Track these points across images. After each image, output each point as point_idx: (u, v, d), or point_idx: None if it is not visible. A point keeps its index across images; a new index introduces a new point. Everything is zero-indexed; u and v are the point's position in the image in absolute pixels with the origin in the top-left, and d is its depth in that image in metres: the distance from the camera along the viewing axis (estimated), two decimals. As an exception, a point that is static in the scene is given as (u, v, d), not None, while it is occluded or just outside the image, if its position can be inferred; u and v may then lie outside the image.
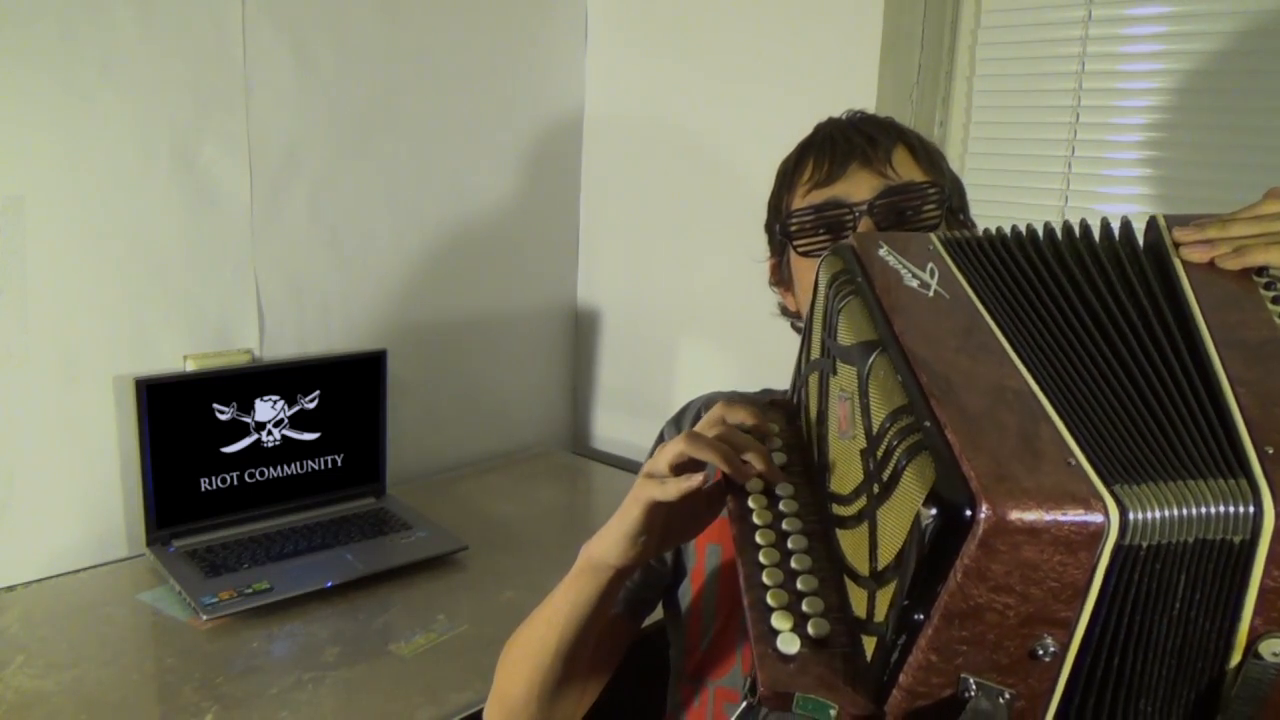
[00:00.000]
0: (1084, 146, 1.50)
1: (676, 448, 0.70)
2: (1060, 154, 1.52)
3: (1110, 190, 1.50)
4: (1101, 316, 0.58)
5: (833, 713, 0.53)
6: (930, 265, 0.63)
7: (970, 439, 0.48)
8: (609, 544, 0.76)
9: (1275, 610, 0.48)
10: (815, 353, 0.71)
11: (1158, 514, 0.46)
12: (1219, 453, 0.49)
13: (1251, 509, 0.46)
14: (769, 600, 0.59)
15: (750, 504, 0.67)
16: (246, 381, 1.53)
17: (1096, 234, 0.65)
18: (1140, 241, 0.64)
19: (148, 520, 1.45)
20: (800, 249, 0.92)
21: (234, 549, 1.45)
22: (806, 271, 0.92)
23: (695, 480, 0.68)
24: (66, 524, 1.43)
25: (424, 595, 1.40)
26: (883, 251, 0.65)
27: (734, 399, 1.03)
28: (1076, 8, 1.47)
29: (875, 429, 0.54)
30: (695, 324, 1.93)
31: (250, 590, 1.33)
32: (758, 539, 0.64)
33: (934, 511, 0.47)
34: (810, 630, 0.57)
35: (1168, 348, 0.55)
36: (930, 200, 0.88)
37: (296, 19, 1.58)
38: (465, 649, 1.26)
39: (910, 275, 0.63)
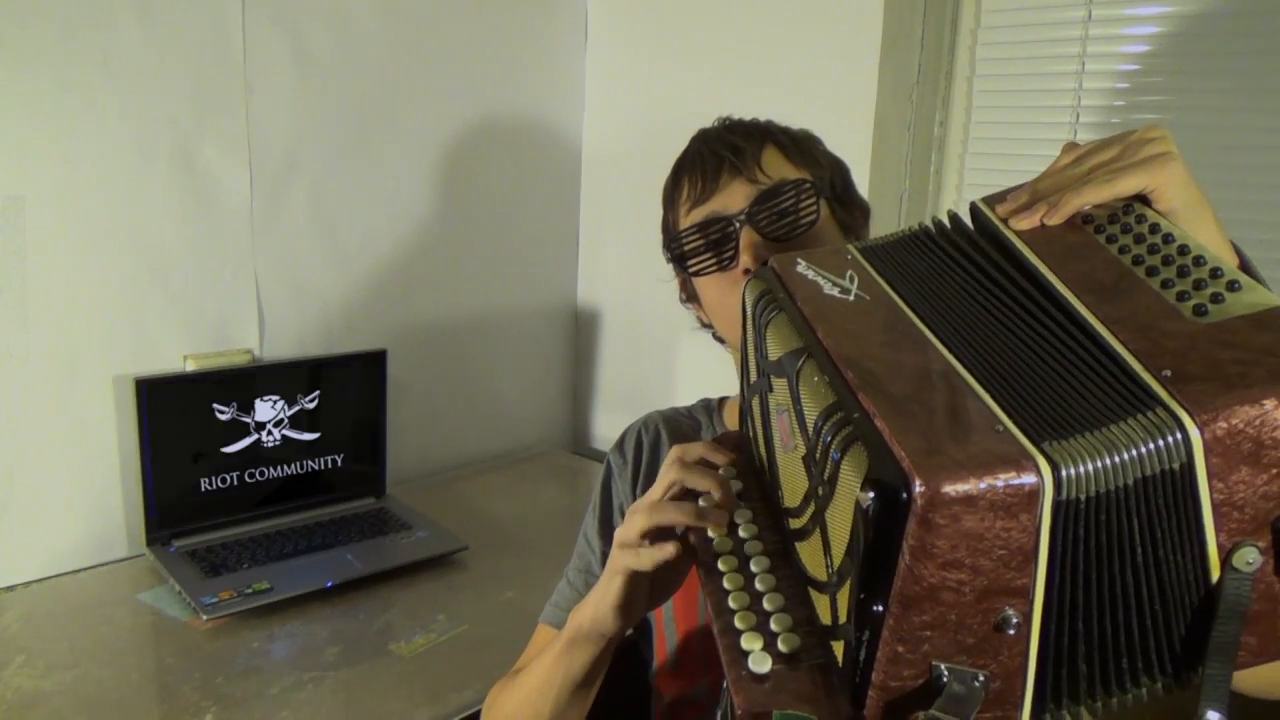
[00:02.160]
0: (1084, 146, 1.50)
1: (642, 520, 0.71)
2: (1060, 154, 1.52)
3: (1110, 190, 1.50)
4: (979, 298, 0.60)
5: None
6: (849, 272, 0.66)
7: (899, 422, 0.49)
8: (599, 615, 0.76)
9: (1232, 522, 0.48)
10: (753, 376, 0.72)
11: (1090, 465, 0.47)
12: (1125, 391, 0.49)
13: (1179, 434, 0.47)
14: (737, 624, 0.60)
15: (710, 533, 0.68)
16: (246, 381, 1.53)
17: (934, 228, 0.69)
18: (971, 226, 0.67)
19: (148, 520, 1.45)
20: (691, 270, 0.93)
21: (234, 549, 1.45)
22: (706, 288, 0.93)
23: (668, 550, 0.69)
24: (66, 524, 1.43)
25: (424, 595, 1.40)
26: (800, 267, 0.67)
27: (672, 416, 1.04)
28: (1076, 8, 1.47)
29: (811, 432, 0.55)
30: (695, 324, 1.92)
31: (250, 590, 1.33)
32: (720, 566, 0.65)
33: (871, 496, 0.47)
34: (781, 647, 0.58)
35: (1041, 311, 0.57)
36: (805, 195, 0.89)
37: (296, 19, 1.58)
38: (465, 649, 1.26)
39: (830, 284, 0.64)
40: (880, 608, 0.49)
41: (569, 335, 2.15)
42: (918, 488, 0.45)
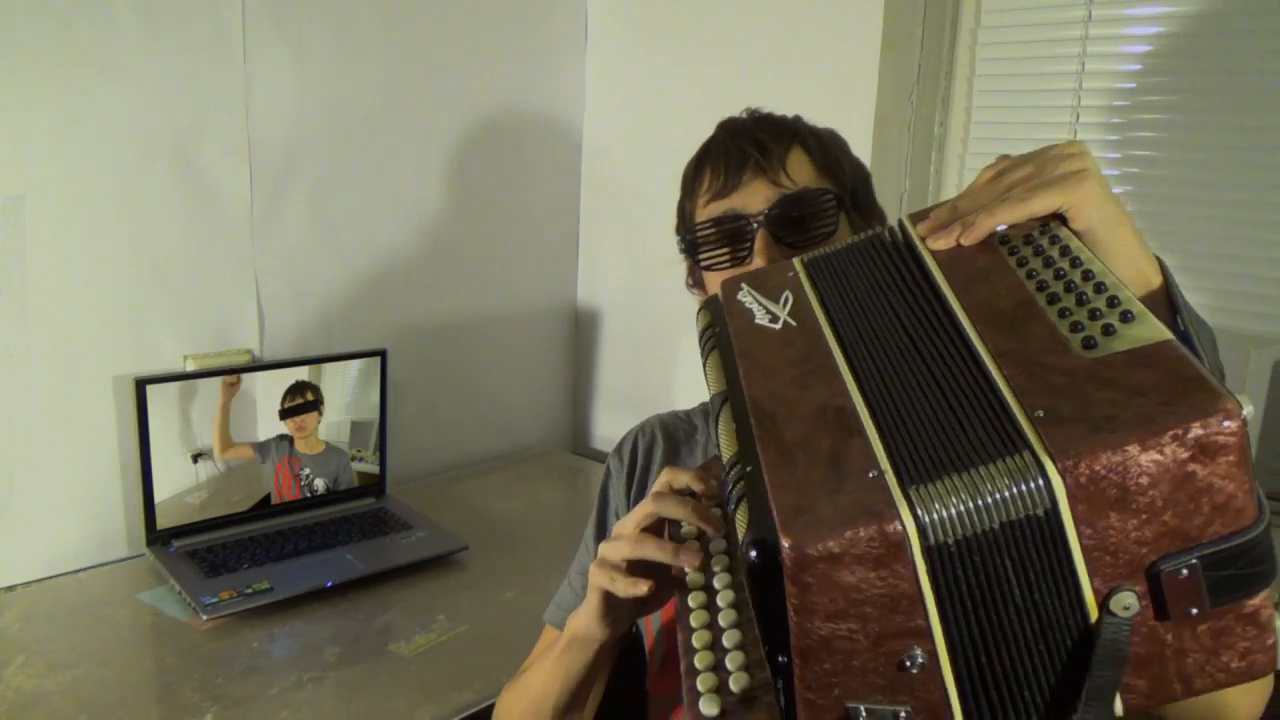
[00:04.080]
0: (1084, 146, 1.50)
1: (625, 549, 0.73)
2: (1060, 154, 1.52)
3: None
4: (903, 318, 0.60)
5: None
6: (785, 294, 0.67)
7: (781, 475, 0.51)
8: (586, 623, 0.78)
9: (1106, 566, 0.48)
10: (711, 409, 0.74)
11: (953, 510, 0.47)
12: (999, 431, 0.49)
13: (1040, 480, 0.46)
14: (696, 664, 0.62)
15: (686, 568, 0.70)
16: (246, 382, 1.53)
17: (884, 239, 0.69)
18: (901, 241, 0.68)
19: (148, 520, 1.45)
20: (703, 263, 0.93)
21: (234, 549, 1.45)
22: (714, 281, 0.93)
23: (641, 588, 0.71)
24: (66, 524, 1.43)
25: (424, 595, 1.40)
26: (741, 294, 0.69)
27: (670, 421, 1.04)
28: (1076, 8, 1.47)
29: (722, 481, 0.58)
30: (694, 323, 1.92)
31: (250, 590, 1.33)
32: (690, 602, 0.67)
33: (752, 555, 0.49)
34: (732, 686, 0.60)
35: (945, 336, 0.57)
36: (826, 206, 0.89)
37: (296, 19, 1.58)
38: (465, 649, 1.26)
39: (763, 312, 0.66)
40: (784, 659, 0.50)
41: (569, 335, 2.15)
42: (785, 548, 0.47)
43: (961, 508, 0.47)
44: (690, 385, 1.92)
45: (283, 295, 1.63)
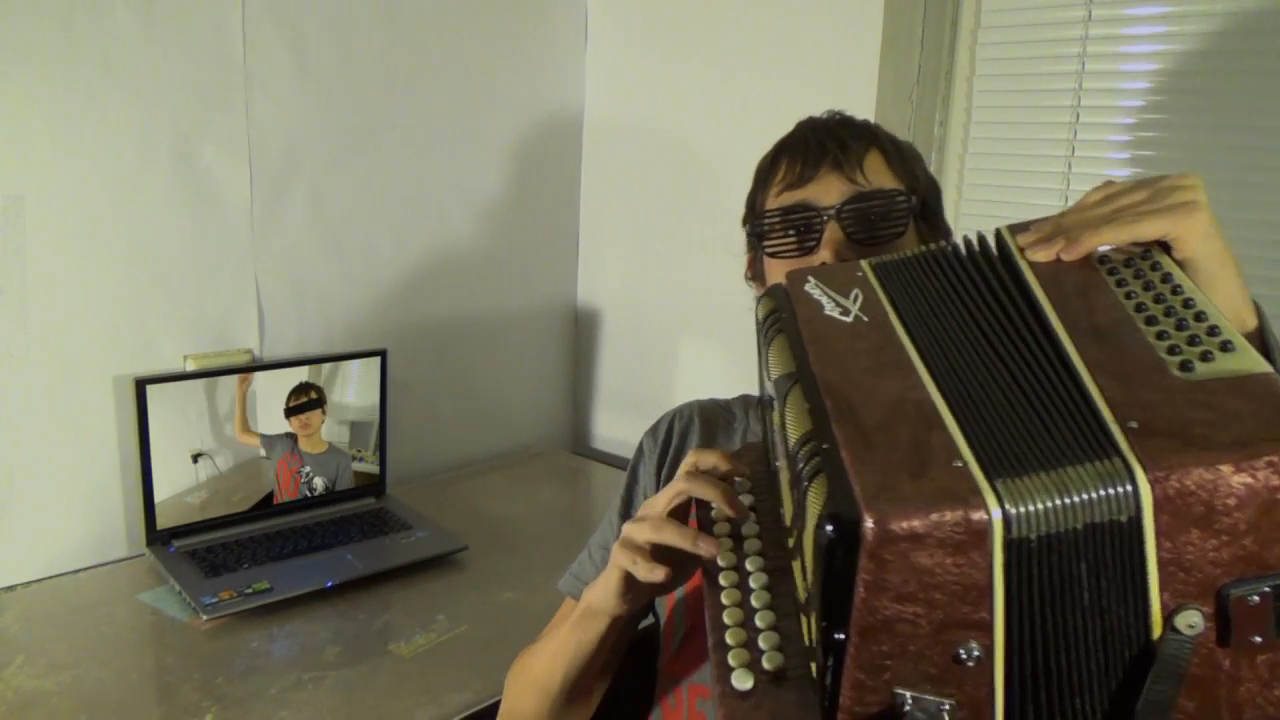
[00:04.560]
0: (1084, 146, 1.50)
1: (648, 533, 0.73)
2: (1060, 154, 1.52)
3: (1110, 190, 1.49)
4: (986, 323, 0.60)
5: None
6: (855, 291, 0.67)
7: (861, 454, 0.50)
8: (602, 596, 0.80)
9: (1178, 582, 0.48)
10: (766, 392, 0.74)
11: (1040, 505, 0.47)
12: (1089, 436, 0.49)
13: (1129, 486, 0.47)
14: (727, 640, 0.63)
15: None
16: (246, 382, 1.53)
17: (963, 249, 0.69)
18: (995, 251, 0.68)
19: (148, 520, 1.45)
20: (769, 250, 0.93)
21: (234, 549, 1.45)
22: (778, 271, 0.94)
23: (659, 574, 0.72)
24: (66, 524, 1.43)
25: (424, 595, 1.40)
26: (809, 286, 0.69)
27: (709, 406, 1.04)
28: (1076, 8, 1.47)
29: (789, 457, 0.57)
30: (695, 324, 1.93)
31: (250, 590, 1.33)
32: (721, 581, 0.67)
33: (829, 529, 0.48)
34: (766, 664, 0.60)
35: (1035, 345, 0.57)
36: (898, 207, 0.90)
37: (296, 19, 1.58)
38: (465, 649, 1.26)
39: (832, 305, 0.66)
40: (842, 636, 0.50)
41: (569, 335, 2.15)
42: (867, 523, 0.47)
43: (1048, 504, 0.47)
44: (691, 385, 1.92)
45: (283, 295, 1.63)
